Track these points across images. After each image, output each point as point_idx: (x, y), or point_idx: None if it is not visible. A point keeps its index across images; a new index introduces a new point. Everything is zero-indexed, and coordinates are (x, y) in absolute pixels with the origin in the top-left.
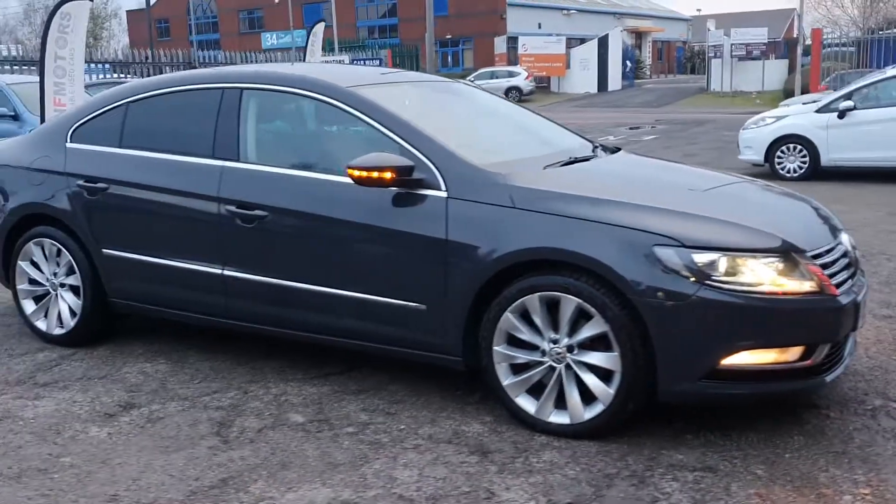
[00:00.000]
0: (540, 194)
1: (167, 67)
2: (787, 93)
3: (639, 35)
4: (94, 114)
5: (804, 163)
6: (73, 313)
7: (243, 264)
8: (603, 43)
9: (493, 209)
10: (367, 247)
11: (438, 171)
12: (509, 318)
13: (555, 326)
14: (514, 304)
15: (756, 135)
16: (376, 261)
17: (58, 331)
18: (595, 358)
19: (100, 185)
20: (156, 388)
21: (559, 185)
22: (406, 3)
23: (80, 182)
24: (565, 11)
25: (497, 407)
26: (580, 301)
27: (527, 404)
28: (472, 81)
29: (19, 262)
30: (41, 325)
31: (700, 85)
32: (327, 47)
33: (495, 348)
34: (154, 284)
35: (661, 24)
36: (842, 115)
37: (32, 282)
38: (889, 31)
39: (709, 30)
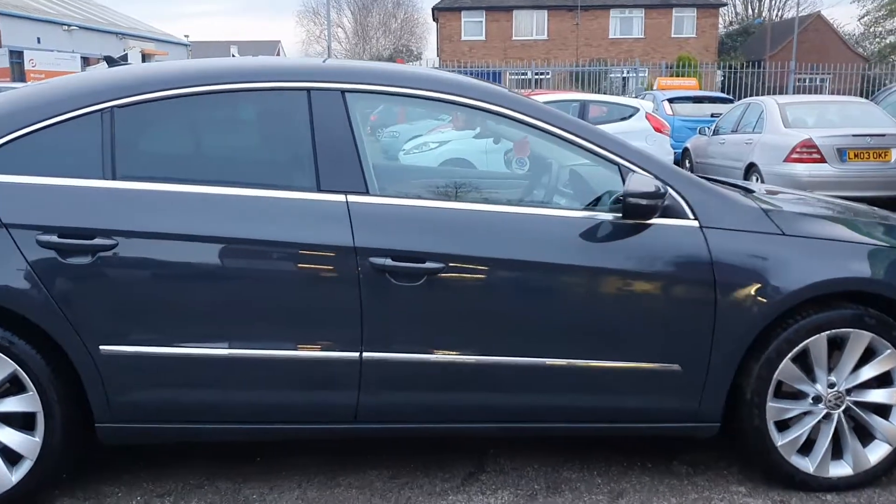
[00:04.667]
0: (806, 219)
1: None
2: None
3: (145, 57)
4: (29, 127)
5: None
6: (11, 461)
7: (400, 340)
8: (124, 62)
9: (760, 238)
10: (602, 299)
11: (679, 195)
12: (790, 367)
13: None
14: (795, 349)
15: (424, 158)
16: (614, 316)
17: None
18: (880, 396)
19: (98, 241)
20: None
21: (804, 209)
22: None
23: (48, 239)
24: (66, 27)
25: (733, 474)
26: (873, 336)
27: (802, 462)
28: None
29: None
30: None
31: None
32: None
33: (769, 404)
34: (210, 391)
35: (163, 48)
36: (497, 140)
37: None
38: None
39: (233, 55)
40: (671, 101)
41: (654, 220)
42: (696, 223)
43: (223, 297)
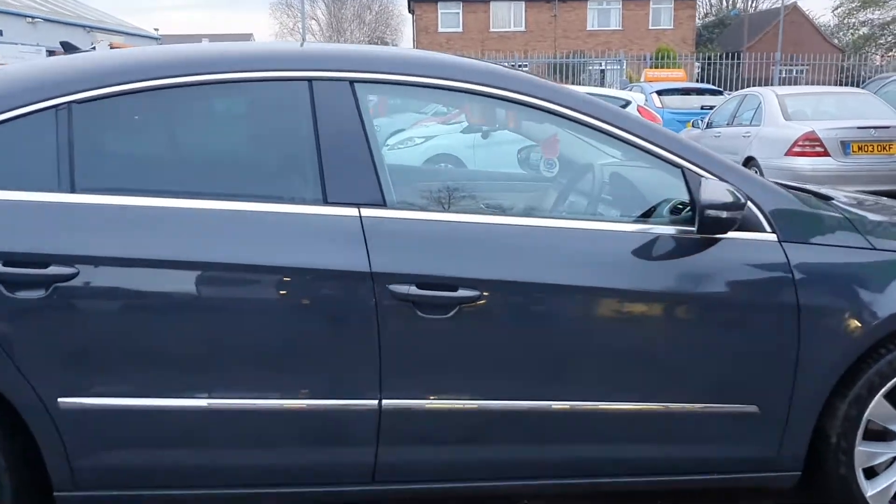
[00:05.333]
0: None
1: None
2: None
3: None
4: None
5: None
6: None
7: (426, 384)
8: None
9: (848, 254)
10: (666, 330)
11: (754, 203)
12: (882, 404)
13: None
14: (889, 383)
15: (409, 154)
16: (682, 350)
17: None
18: None
19: (53, 270)
20: None
21: (891, 218)
22: None
23: None
24: (30, 19)
25: None
26: None
27: None
28: None
29: None
30: None
31: None
32: None
33: (858, 448)
34: (196, 450)
35: (133, 41)
36: (486, 135)
37: None
38: None
39: None
40: (660, 93)
41: (744, 235)
42: (773, 237)
43: (210, 336)
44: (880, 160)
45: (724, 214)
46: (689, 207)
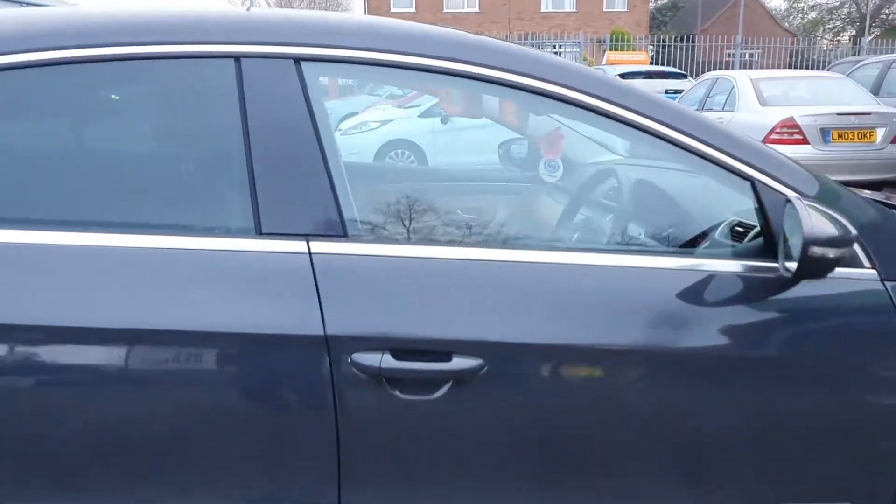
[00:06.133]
0: None
1: None
2: None
3: None
4: None
5: None
6: None
7: (403, 495)
8: None
9: None
10: (729, 407)
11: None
12: None
13: None
14: None
15: (363, 140)
16: (748, 432)
17: None
18: None
19: None
20: None
21: None
22: None
23: None
24: None
25: None
26: None
27: None
28: None
29: None
30: None
31: None
32: None
33: None
34: None
35: None
36: (445, 120)
37: None
38: None
39: None
40: (623, 76)
41: (842, 272)
42: (874, 273)
43: (94, 434)
44: (861, 148)
45: (831, 253)
46: (756, 231)
